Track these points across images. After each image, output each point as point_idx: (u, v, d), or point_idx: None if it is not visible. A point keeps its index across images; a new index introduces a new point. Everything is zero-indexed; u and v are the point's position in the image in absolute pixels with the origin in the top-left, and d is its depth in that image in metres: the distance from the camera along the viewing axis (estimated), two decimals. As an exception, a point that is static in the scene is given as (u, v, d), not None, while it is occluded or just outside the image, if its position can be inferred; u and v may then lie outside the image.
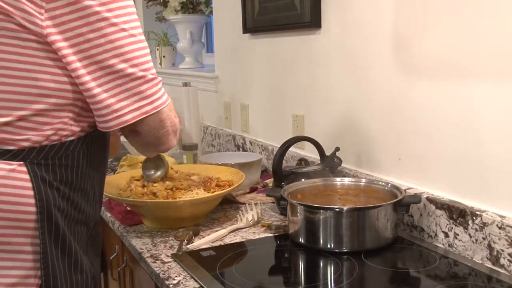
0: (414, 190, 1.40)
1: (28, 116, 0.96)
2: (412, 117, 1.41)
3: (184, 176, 1.63)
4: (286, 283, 1.20)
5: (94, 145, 1.08)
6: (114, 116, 0.99)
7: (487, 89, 1.20)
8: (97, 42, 0.95)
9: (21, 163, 0.97)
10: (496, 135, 1.19)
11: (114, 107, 0.99)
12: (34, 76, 0.95)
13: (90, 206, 1.09)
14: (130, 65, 0.98)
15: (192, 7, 2.93)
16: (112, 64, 0.96)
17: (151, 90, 1.02)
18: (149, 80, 1.01)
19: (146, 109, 1.02)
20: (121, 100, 0.99)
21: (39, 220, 0.97)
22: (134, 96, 1.00)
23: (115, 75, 0.97)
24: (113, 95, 0.98)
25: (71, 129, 1.02)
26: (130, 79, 0.99)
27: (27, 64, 0.94)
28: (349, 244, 1.27)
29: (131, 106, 1.00)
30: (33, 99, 0.96)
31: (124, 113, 1.00)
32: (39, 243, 0.98)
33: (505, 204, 1.18)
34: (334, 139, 1.71)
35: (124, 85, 0.99)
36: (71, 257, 1.03)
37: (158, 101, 1.04)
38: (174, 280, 1.17)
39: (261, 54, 2.14)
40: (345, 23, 1.63)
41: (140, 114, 1.01)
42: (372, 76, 1.54)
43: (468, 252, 1.24)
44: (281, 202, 1.43)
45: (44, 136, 0.98)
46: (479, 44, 1.20)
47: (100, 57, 0.96)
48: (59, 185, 1.01)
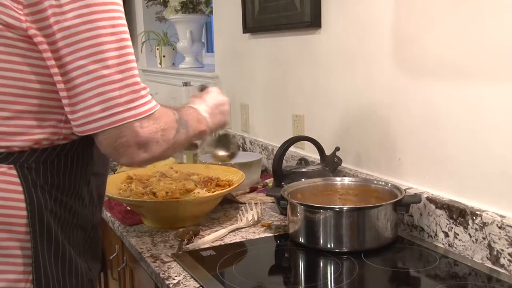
0: (414, 190, 1.40)
1: (10, 118, 0.93)
2: (412, 117, 1.41)
3: (184, 176, 1.63)
4: (286, 283, 1.20)
5: (90, 148, 1.04)
6: (83, 122, 0.91)
7: (488, 89, 1.20)
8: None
9: (11, 166, 0.94)
10: (496, 135, 1.19)
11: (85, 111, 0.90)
12: (17, 76, 0.92)
13: (86, 209, 1.06)
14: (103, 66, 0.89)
15: (192, 6, 2.93)
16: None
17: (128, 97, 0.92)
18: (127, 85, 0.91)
19: (119, 117, 0.91)
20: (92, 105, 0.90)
21: (29, 224, 0.95)
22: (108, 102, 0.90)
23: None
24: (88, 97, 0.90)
25: (63, 132, 0.98)
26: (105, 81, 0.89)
27: (10, 64, 0.91)
28: (349, 244, 1.27)
29: (102, 113, 0.90)
30: (13, 99, 0.92)
31: (92, 120, 0.91)
32: (30, 247, 0.96)
33: (505, 204, 1.18)
34: (334, 139, 1.71)
35: (99, 87, 0.89)
36: (65, 261, 1.00)
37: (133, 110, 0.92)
38: (174, 280, 1.17)
39: (261, 54, 2.14)
40: (346, 23, 1.63)
41: (111, 122, 0.91)
42: (372, 75, 1.54)
43: (468, 252, 1.24)
44: (281, 202, 1.43)
45: (33, 140, 0.95)
46: (480, 44, 1.20)
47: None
48: (50, 189, 0.98)
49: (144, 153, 0.95)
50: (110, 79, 0.89)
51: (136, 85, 0.92)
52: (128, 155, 0.94)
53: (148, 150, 0.95)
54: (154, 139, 0.96)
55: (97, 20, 0.88)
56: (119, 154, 0.94)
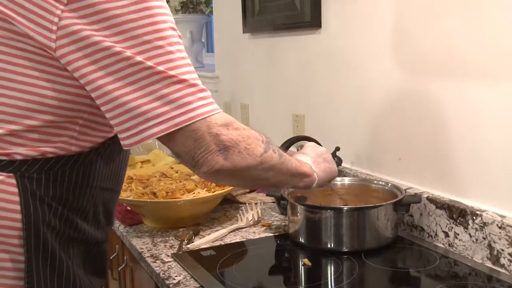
0: (414, 190, 1.40)
1: (21, 131, 0.88)
2: (412, 117, 1.41)
3: (184, 176, 1.63)
4: (286, 283, 1.20)
5: (100, 162, 0.98)
6: (136, 131, 0.85)
7: (488, 88, 1.20)
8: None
9: (10, 175, 0.89)
10: (496, 134, 1.19)
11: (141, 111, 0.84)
12: (30, 90, 0.86)
13: (89, 224, 1.00)
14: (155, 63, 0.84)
15: (192, 6, 2.93)
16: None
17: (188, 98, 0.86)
18: (179, 81, 0.85)
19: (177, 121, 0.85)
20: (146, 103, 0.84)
21: (24, 236, 0.89)
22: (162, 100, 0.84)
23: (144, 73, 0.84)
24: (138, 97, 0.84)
25: (72, 149, 0.93)
26: (159, 78, 0.84)
27: (25, 77, 0.86)
28: (349, 243, 1.27)
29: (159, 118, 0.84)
30: (25, 113, 0.87)
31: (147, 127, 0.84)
32: (23, 260, 0.90)
33: (505, 203, 1.18)
34: (334, 139, 1.71)
35: (151, 86, 0.84)
36: (61, 275, 0.95)
37: (193, 112, 0.86)
38: (174, 280, 1.17)
39: (261, 54, 2.14)
40: (345, 23, 1.63)
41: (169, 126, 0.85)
42: (372, 75, 1.54)
43: (468, 252, 1.24)
44: (282, 202, 1.44)
45: (40, 151, 0.90)
46: (481, 43, 1.20)
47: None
48: (51, 201, 0.92)
49: (225, 160, 0.90)
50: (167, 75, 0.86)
51: (194, 84, 0.88)
52: (207, 162, 0.89)
53: (229, 158, 0.90)
54: (236, 147, 0.90)
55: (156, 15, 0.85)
56: (199, 164, 0.89)
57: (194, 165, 0.90)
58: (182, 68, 0.86)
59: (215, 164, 0.89)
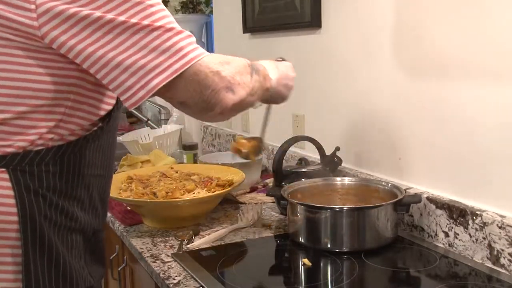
0: (414, 190, 1.40)
1: (10, 119, 0.89)
2: (412, 117, 1.41)
3: (184, 176, 1.63)
4: (286, 283, 1.20)
5: (89, 149, 0.99)
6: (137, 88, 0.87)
7: (488, 89, 1.20)
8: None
9: (3, 170, 0.90)
10: (496, 134, 1.19)
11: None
12: (13, 77, 0.87)
13: (86, 213, 1.01)
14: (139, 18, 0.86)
15: (192, 6, 2.93)
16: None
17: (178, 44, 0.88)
18: (167, 30, 0.87)
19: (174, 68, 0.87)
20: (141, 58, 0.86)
21: (21, 230, 0.90)
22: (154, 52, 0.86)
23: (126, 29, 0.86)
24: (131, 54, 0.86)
25: (59, 132, 0.93)
26: (145, 32, 0.86)
27: (6, 64, 0.87)
28: (349, 243, 1.27)
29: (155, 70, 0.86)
30: (15, 101, 0.89)
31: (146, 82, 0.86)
32: (21, 254, 0.91)
33: (505, 203, 1.18)
34: (334, 139, 1.71)
35: (141, 41, 0.85)
36: (59, 268, 0.95)
37: (188, 56, 0.88)
38: (174, 279, 1.17)
39: (261, 54, 2.14)
40: (345, 23, 1.63)
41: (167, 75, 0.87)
42: (372, 75, 1.54)
43: (468, 252, 1.24)
44: (281, 202, 1.43)
45: (29, 141, 0.91)
46: (481, 43, 1.20)
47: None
48: (45, 192, 0.93)
49: (233, 95, 0.94)
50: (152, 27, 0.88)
51: (174, 30, 0.91)
52: (220, 101, 0.92)
53: (236, 92, 0.94)
54: (235, 80, 0.95)
55: None
56: (211, 105, 0.92)
57: (206, 107, 0.92)
58: (166, 18, 0.89)
59: (229, 101, 0.93)
